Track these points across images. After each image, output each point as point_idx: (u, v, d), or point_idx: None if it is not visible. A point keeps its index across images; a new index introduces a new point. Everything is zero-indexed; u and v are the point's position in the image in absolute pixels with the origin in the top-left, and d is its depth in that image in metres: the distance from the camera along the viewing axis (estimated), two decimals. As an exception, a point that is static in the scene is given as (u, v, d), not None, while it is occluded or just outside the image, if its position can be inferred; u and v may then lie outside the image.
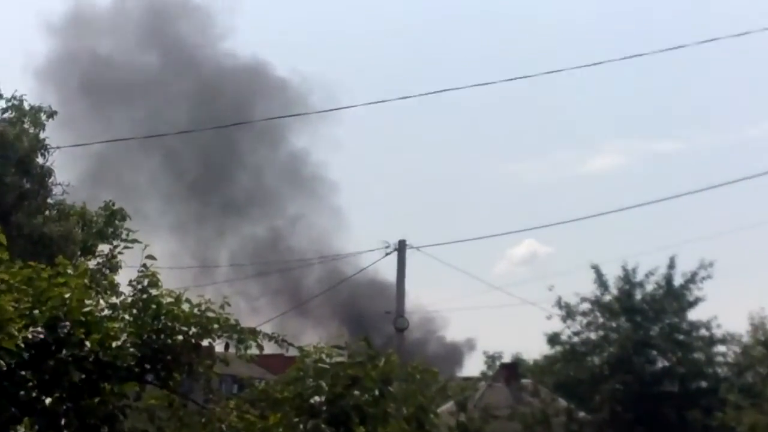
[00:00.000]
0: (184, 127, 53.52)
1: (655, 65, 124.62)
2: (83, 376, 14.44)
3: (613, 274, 38.99)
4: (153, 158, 52.22)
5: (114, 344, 14.73)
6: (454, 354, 67.62)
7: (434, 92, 39.54)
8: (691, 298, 39.01)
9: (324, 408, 16.25)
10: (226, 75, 63.09)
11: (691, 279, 38.89)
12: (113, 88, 55.19)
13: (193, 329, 15.65)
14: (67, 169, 32.72)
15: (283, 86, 64.76)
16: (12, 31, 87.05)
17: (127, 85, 57.29)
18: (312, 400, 16.34)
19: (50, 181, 32.00)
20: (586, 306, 39.08)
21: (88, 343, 14.52)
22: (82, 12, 60.83)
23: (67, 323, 14.60)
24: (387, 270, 56.48)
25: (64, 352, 14.45)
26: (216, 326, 15.91)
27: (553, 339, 39.59)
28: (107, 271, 24.60)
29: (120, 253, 25.24)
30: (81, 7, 61.63)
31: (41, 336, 14.38)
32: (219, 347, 16.46)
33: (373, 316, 54.71)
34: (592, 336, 39.20)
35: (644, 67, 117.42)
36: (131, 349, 14.89)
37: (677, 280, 38.90)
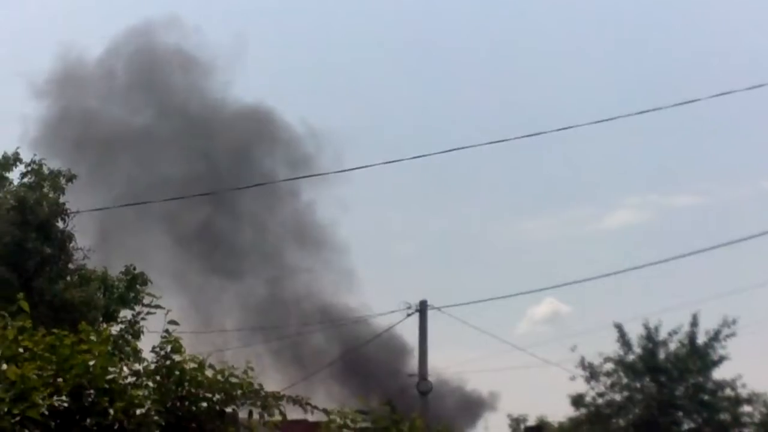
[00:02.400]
0: (185, 181, 53.32)
1: (669, 119, 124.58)
2: (109, 445, 14.39)
3: (635, 333, 38.96)
4: (154, 218, 51.75)
5: (138, 412, 14.68)
6: (476, 406, 66.54)
7: (445, 151, 39.14)
8: (715, 357, 38.90)
9: (351, 477, 16.17)
10: (228, 125, 62.43)
11: (715, 337, 38.79)
12: (110, 145, 54.66)
13: (217, 396, 15.61)
14: (77, 232, 32.78)
15: (289, 139, 64.22)
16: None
17: (125, 141, 56.71)
18: (339, 469, 16.26)
19: (71, 245, 32.08)
20: (609, 366, 39.03)
21: (112, 411, 14.48)
22: (71, 70, 60.62)
23: (92, 391, 14.58)
24: (404, 331, 56.29)
25: (88, 420, 14.41)
26: (239, 392, 15.86)
27: (578, 401, 39.48)
28: (130, 337, 24.55)
29: (143, 318, 25.28)
30: (69, 65, 61.54)
31: (65, 404, 14.33)
32: (242, 413, 16.38)
33: (386, 377, 54.23)
34: (617, 397, 39.08)
35: (658, 122, 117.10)
36: (155, 417, 14.84)
37: (701, 338, 38.84)
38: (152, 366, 15.91)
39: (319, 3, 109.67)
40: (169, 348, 15.91)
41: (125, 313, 31.94)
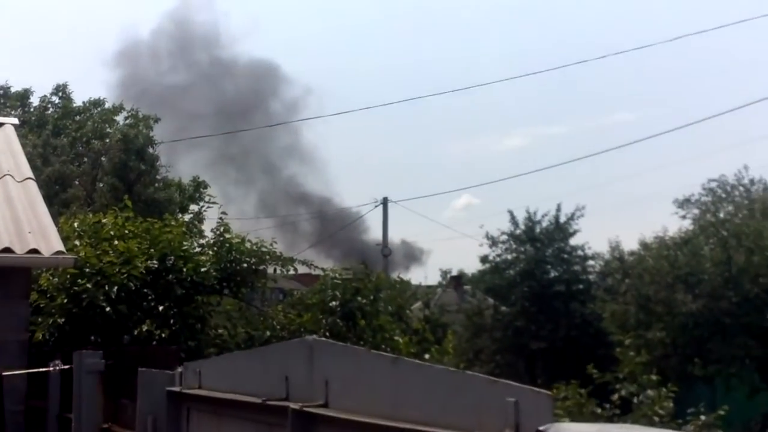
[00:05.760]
0: (215, 119, 52.64)
1: (544, 79, 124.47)
2: (183, 291, 14.46)
3: (521, 216, 38.99)
4: (199, 144, 49.92)
5: (202, 270, 14.75)
6: (414, 256, 65.78)
7: (408, 99, 40.22)
8: (571, 230, 38.97)
9: (338, 309, 16.27)
10: (243, 76, 61.02)
11: (571, 217, 38.72)
12: (162, 97, 52.49)
13: (253, 259, 15.66)
14: (161, 154, 32.42)
15: (290, 88, 62.81)
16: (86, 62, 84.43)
17: (172, 93, 55.05)
18: (331, 304, 16.35)
19: (158, 163, 31.95)
20: (504, 237, 39.05)
21: (185, 270, 14.53)
22: (130, 47, 59.54)
23: (172, 257, 14.61)
24: (370, 216, 56.17)
25: (170, 276, 14.47)
26: (268, 257, 15.93)
27: (484, 259, 39.51)
28: (197, 223, 24.51)
29: (204, 210, 25.27)
30: (128, 43, 60.94)
31: (155, 266, 14.38)
32: (270, 269, 16.47)
33: (359, 246, 53.74)
34: (509, 257, 39.14)
35: (540, 76, 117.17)
36: (214, 273, 14.92)
37: (562, 219, 38.85)
38: (211, 241, 15.96)
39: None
40: (222, 229, 15.96)
41: (193, 207, 31.95)
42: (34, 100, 35.54)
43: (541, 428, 2.64)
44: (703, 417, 15.27)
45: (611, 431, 2.40)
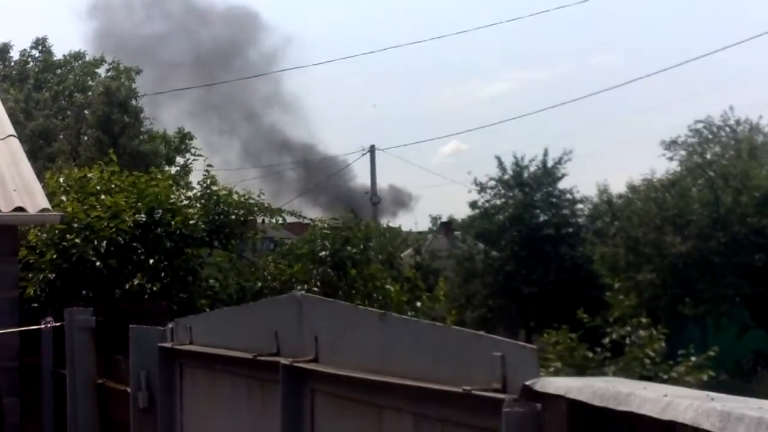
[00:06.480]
0: (194, 67, 51.66)
1: (528, 21, 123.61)
2: (172, 244, 14.47)
3: (509, 161, 39.00)
4: (180, 94, 48.72)
5: (191, 223, 14.75)
6: (402, 200, 65.03)
7: (388, 48, 40.09)
8: (559, 174, 39.00)
9: (328, 258, 16.31)
10: (225, 26, 59.80)
11: (559, 161, 38.69)
12: (140, 48, 50.93)
13: (241, 211, 15.67)
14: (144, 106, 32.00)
15: (269, 36, 61.64)
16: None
17: (149, 43, 53.88)
18: (321, 254, 16.39)
19: (142, 115, 31.82)
20: (492, 183, 39.10)
21: (173, 223, 14.53)
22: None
23: (160, 211, 14.59)
24: (357, 164, 55.66)
25: (158, 229, 14.46)
26: (256, 208, 15.96)
27: (473, 205, 39.57)
28: (184, 175, 24.43)
29: (190, 162, 25.17)
30: None
31: (143, 219, 14.37)
32: (258, 220, 16.49)
33: (346, 193, 53.15)
34: (498, 202, 39.22)
35: (522, 22, 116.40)
36: (202, 226, 14.93)
37: (550, 163, 38.86)
38: (198, 193, 15.95)
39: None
40: (209, 181, 15.94)
41: (179, 159, 31.86)
42: (14, 54, 35.29)
43: (527, 383, 2.68)
44: (693, 358, 15.42)
45: (596, 384, 2.44)
